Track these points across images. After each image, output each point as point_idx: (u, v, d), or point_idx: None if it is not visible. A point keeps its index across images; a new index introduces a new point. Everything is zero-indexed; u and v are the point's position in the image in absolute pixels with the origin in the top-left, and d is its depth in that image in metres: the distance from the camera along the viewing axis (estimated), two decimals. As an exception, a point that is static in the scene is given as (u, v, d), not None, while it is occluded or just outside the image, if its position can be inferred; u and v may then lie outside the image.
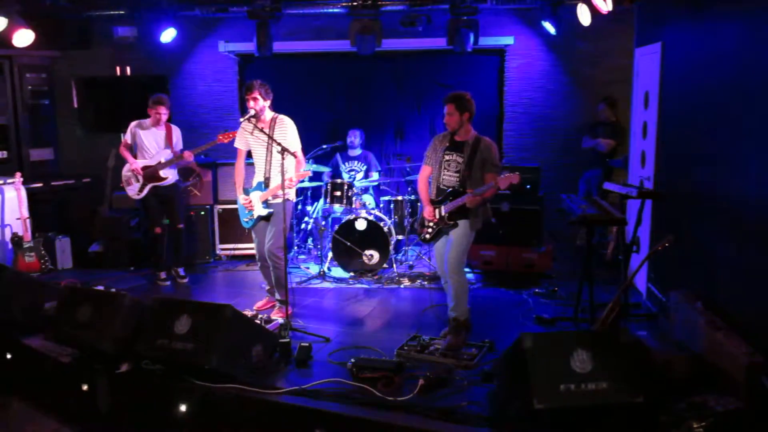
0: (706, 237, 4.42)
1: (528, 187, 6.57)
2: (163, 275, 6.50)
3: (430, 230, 4.84)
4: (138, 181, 6.21)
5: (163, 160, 6.20)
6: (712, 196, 4.36)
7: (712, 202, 4.33)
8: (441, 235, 4.84)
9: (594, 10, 5.99)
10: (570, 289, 5.67)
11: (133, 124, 6.26)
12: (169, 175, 6.29)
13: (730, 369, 3.51)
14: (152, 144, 6.24)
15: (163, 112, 6.18)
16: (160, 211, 6.36)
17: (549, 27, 6.75)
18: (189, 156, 6.19)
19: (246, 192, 5.31)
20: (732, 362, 3.50)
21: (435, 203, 4.80)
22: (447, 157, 4.77)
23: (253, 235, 5.43)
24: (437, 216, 4.75)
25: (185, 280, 6.52)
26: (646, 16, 6.10)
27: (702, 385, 3.55)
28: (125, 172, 6.30)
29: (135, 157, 6.26)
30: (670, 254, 4.28)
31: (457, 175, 4.71)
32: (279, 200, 5.07)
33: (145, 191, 6.23)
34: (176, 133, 6.34)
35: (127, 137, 6.29)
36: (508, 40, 7.52)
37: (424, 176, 4.94)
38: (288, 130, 5.18)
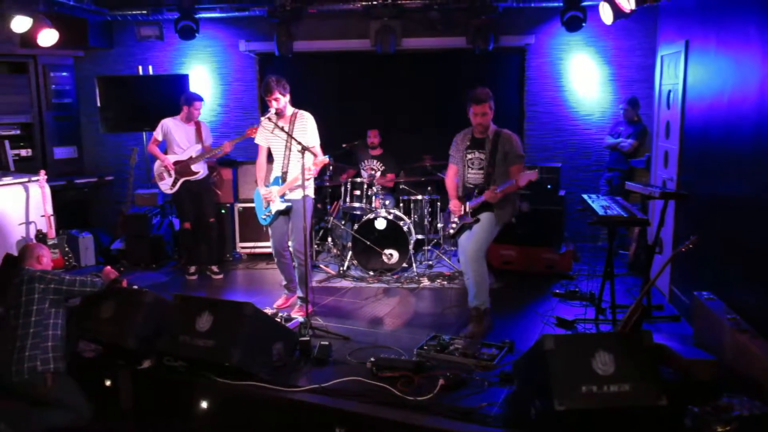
0: (731, 238, 4.36)
1: (549, 186, 6.53)
2: (192, 269, 6.64)
3: (454, 225, 4.92)
4: (170, 176, 6.37)
5: (194, 155, 6.35)
6: (736, 197, 4.30)
7: (737, 203, 4.27)
8: (464, 230, 4.88)
9: (617, 9, 5.94)
10: (591, 290, 5.62)
11: (164, 120, 6.40)
12: (201, 170, 6.42)
13: (756, 372, 3.46)
14: (183, 139, 6.38)
15: (200, 108, 6.39)
16: (191, 206, 6.50)
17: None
18: (228, 147, 6.31)
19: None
20: (758, 366, 3.45)
21: (460, 199, 4.88)
22: (469, 156, 4.83)
23: (270, 232, 5.45)
24: (462, 211, 4.82)
25: (219, 276, 6.64)
26: (669, 14, 6.04)
27: (727, 389, 3.50)
28: (157, 167, 6.46)
29: (165, 153, 6.39)
30: (693, 255, 4.24)
31: (482, 172, 4.78)
32: (298, 196, 5.09)
33: (178, 186, 6.38)
34: (205, 128, 6.52)
35: (156, 134, 6.41)
36: (529, 39, 7.47)
37: (451, 174, 5.02)
38: (308, 126, 5.20)
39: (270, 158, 5.41)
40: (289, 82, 5.20)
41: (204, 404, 4.06)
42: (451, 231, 4.93)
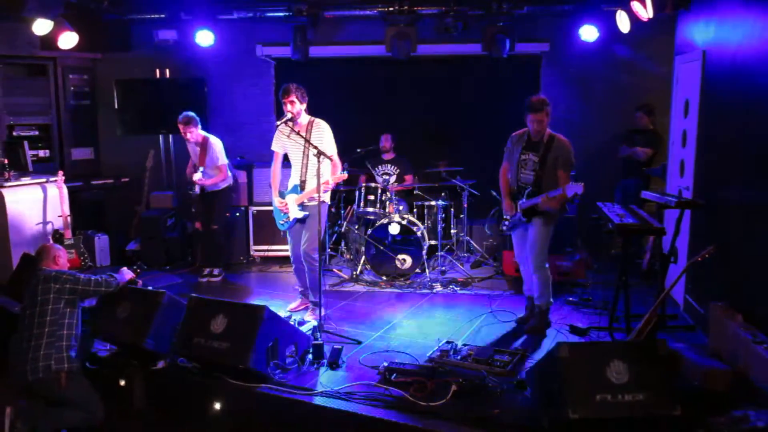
0: (747, 247, 4.33)
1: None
2: (206, 272, 6.74)
3: (507, 223, 5.15)
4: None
5: (197, 181, 6.44)
6: (753, 206, 4.27)
7: (754, 212, 4.24)
8: (516, 227, 5.10)
9: (634, 17, 5.92)
10: (605, 299, 5.60)
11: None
12: (205, 183, 6.51)
13: (772, 384, 3.44)
14: (193, 155, 6.64)
15: (188, 131, 6.39)
16: (202, 208, 6.68)
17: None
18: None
19: (281, 195, 5.37)
20: (774, 377, 3.42)
21: (513, 198, 5.08)
22: (524, 157, 5.02)
23: (288, 238, 5.48)
24: (513, 211, 5.04)
25: (217, 279, 6.70)
26: (687, 22, 6.01)
27: (742, 400, 3.48)
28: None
29: None
30: (709, 265, 4.21)
31: (533, 173, 4.93)
32: (314, 203, 5.11)
33: (197, 190, 6.56)
34: (211, 149, 6.48)
35: None
36: (545, 47, 7.46)
37: (503, 172, 5.22)
38: (324, 134, 5.22)
39: (286, 165, 5.45)
40: (305, 86, 5.24)
41: (217, 406, 4.08)
42: (505, 228, 5.19)
